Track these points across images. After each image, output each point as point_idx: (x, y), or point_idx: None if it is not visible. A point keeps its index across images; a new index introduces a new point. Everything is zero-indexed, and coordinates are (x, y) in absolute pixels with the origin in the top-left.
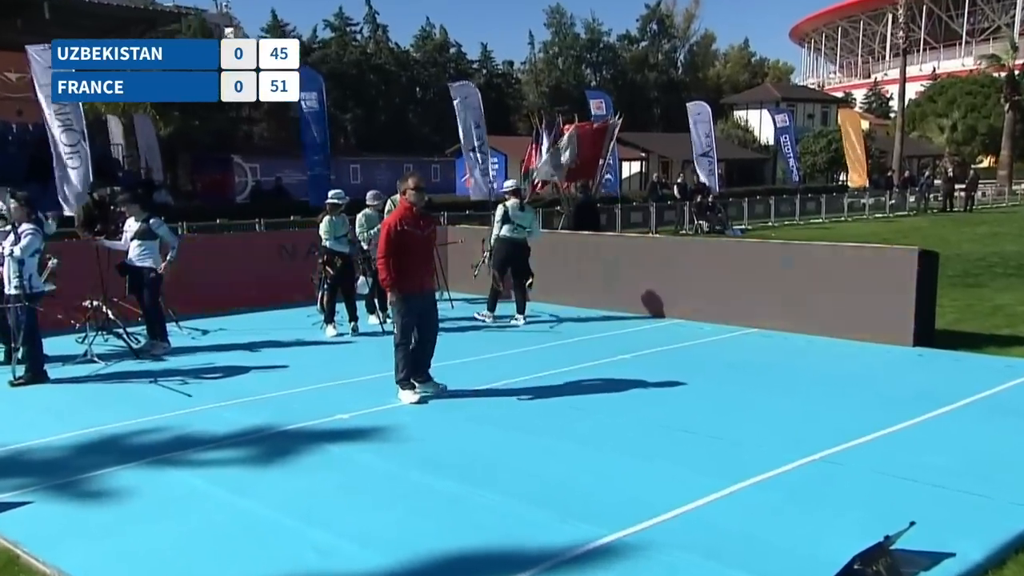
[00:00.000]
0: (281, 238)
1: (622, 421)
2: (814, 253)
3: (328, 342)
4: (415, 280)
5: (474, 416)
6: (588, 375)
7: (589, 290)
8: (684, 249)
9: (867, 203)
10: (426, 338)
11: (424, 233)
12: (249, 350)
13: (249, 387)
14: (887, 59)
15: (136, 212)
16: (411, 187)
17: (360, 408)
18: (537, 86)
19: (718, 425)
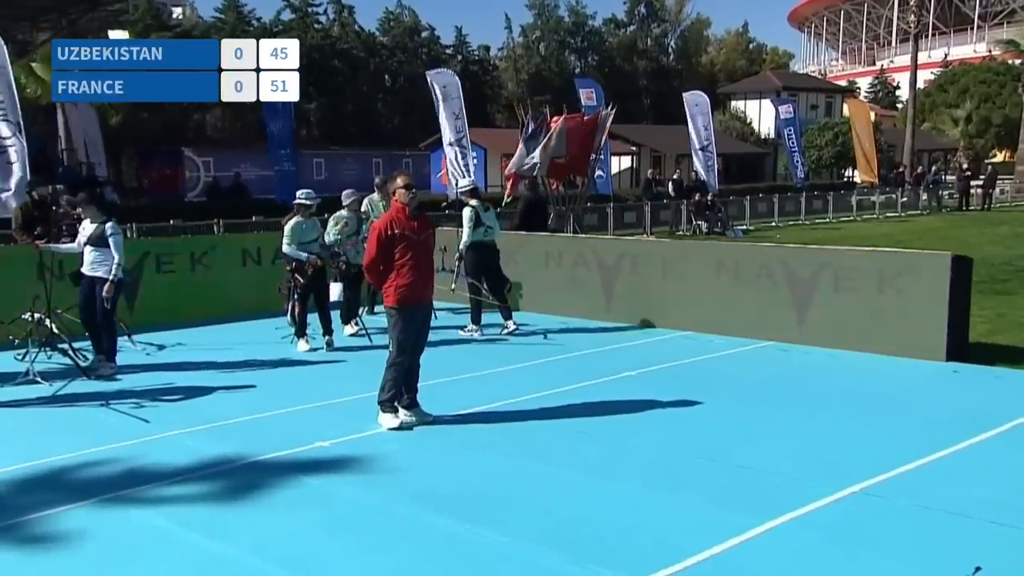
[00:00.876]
0: (245, 241)
1: (635, 447)
2: (835, 258)
3: (300, 359)
4: (414, 291)
5: (470, 441)
6: (592, 394)
7: (586, 299)
8: (690, 253)
9: (877, 201)
10: (415, 355)
11: (420, 237)
12: (212, 368)
13: (214, 411)
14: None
15: (93, 214)
16: (400, 186)
17: (341, 434)
18: (516, 73)
19: (743, 451)
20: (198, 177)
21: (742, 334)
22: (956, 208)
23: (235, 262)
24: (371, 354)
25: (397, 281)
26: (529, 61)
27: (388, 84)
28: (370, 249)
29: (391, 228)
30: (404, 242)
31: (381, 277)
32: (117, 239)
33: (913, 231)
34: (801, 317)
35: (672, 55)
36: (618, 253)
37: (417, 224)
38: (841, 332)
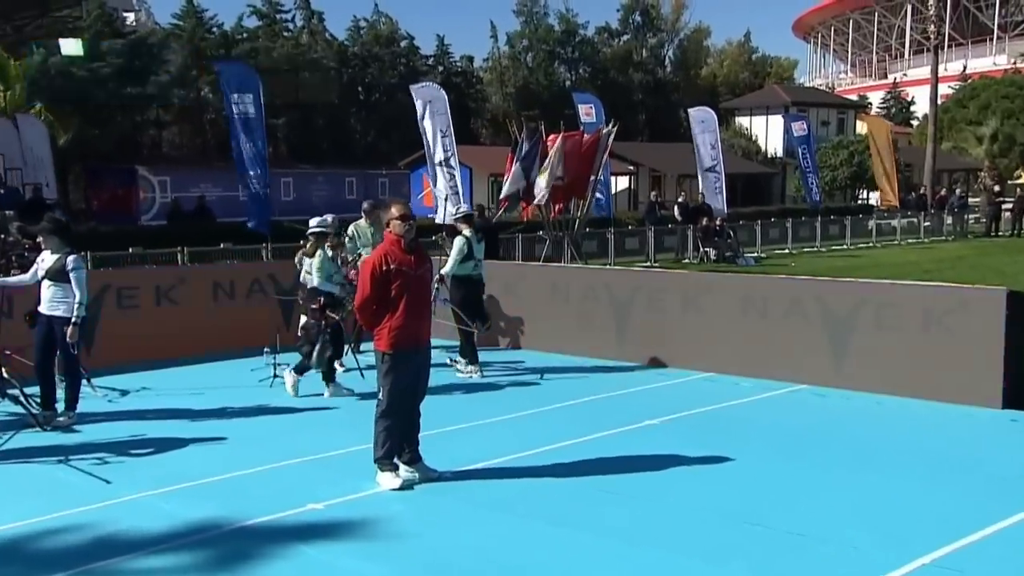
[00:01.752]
0: (216, 273)
1: (667, 508)
2: (876, 293)
3: (283, 405)
4: (409, 333)
5: (482, 502)
6: (611, 446)
7: (597, 336)
8: (712, 287)
9: (898, 226)
10: (414, 404)
11: (417, 272)
12: (183, 416)
13: (189, 467)
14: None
15: (55, 245)
16: (395, 216)
17: (336, 494)
18: (502, 86)
19: (789, 514)
20: (153, 198)
21: (772, 376)
22: (984, 233)
23: (205, 296)
24: (364, 400)
25: (391, 322)
26: (516, 73)
27: (362, 97)
28: (363, 286)
29: (386, 263)
30: (400, 279)
31: (375, 317)
32: (79, 275)
33: (940, 259)
34: (838, 358)
35: (670, 67)
36: (632, 286)
37: (414, 258)
38: (883, 375)
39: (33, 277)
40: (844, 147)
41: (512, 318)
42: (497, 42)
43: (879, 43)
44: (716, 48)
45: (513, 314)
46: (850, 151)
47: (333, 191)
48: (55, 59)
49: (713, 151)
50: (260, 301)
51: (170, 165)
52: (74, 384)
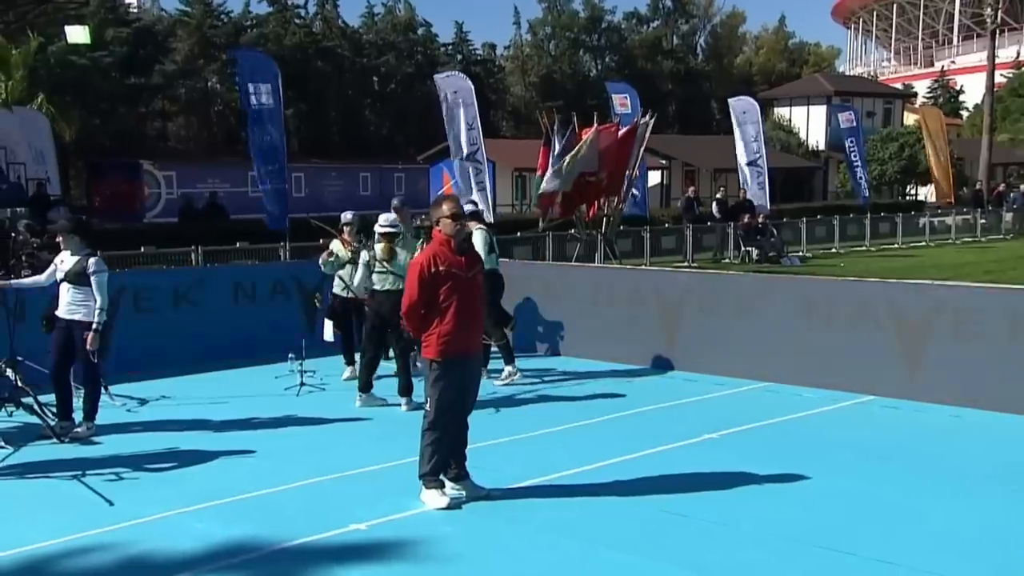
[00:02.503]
0: (236, 273)
1: (744, 534)
2: (955, 296)
3: (310, 416)
4: (459, 341)
5: (536, 523)
6: (671, 462)
7: (643, 342)
8: (771, 289)
9: (953, 224)
10: (463, 416)
11: (468, 275)
12: (207, 428)
13: (219, 483)
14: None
15: (76, 246)
16: (445, 214)
17: (379, 514)
18: (524, 76)
19: (879, 541)
20: (159, 195)
21: (837, 387)
22: None
23: (225, 298)
24: (396, 410)
25: (440, 328)
26: (539, 62)
27: (377, 88)
28: (410, 290)
29: (434, 264)
30: (449, 281)
31: (423, 323)
32: (102, 278)
33: (1001, 259)
34: (912, 368)
35: (702, 55)
36: (683, 288)
37: (464, 260)
38: (963, 386)
39: (49, 279)
40: (894, 139)
41: (551, 322)
42: (519, 30)
43: (925, 29)
44: (751, 35)
45: (552, 318)
46: (900, 143)
47: (346, 187)
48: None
49: (755, 143)
50: (283, 303)
51: (176, 160)
52: (94, 393)
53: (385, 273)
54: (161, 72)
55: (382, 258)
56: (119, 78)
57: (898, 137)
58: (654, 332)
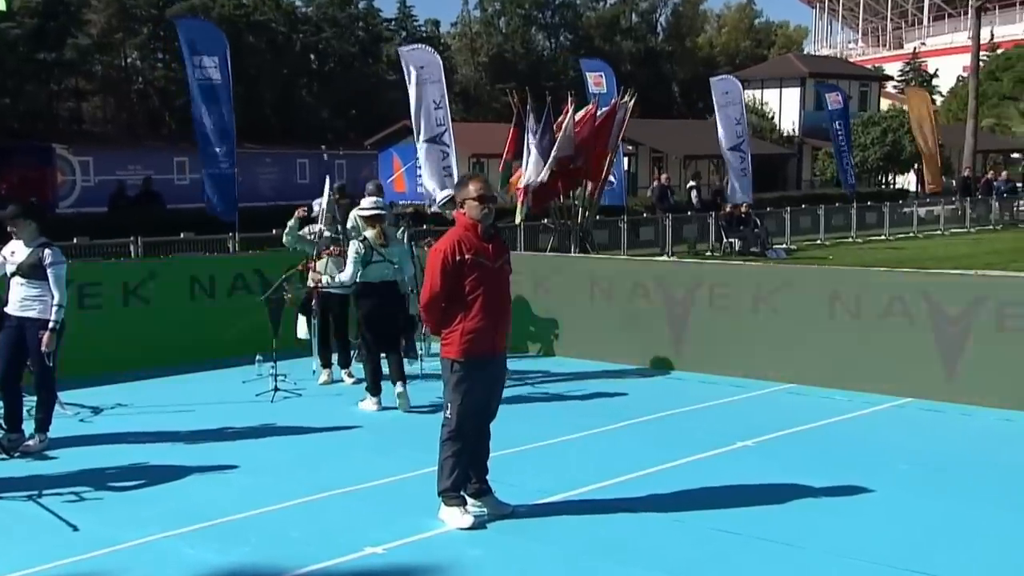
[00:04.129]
0: (193, 266)
1: (817, 557)
2: (997, 289)
3: (292, 425)
4: (486, 338)
5: (578, 545)
6: (707, 473)
7: (646, 341)
8: (792, 282)
9: (942, 214)
10: (485, 425)
11: (496, 264)
12: (176, 440)
13: (202, 502)
14: (925, 23)
15: (29, 234)
16: (472, 196)
17: (395, 536)
18: (473, 55)
19: (959, 560)
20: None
21: (869, 388)
22: None
23: (180, 294)
24: (391, 417)
25: (464, 324)
26: (489, 40)
27: (315, 67)
28: (432, 280)
29: (459, 252)
30: (476, 271)
31: (444, 318)
32: (59, 271)
33: (998, 251)
34: (951, 367)
35: (662, 34)
36: (691, 281)
37: (492, 248)
38: (1011, 387)
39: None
40: (876, 123)
41: (543, 320)
42: (467, 5)
43: (894, 8)
44: (713, 13)
45: (544, 315)
46: (883, 128)
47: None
48: None
49: (739, 127)
50: (246, 300)
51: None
52: (48, 401)
53: (383, 262)
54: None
55: (377, 244)
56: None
57: (880, 121)
58: (657, 330)
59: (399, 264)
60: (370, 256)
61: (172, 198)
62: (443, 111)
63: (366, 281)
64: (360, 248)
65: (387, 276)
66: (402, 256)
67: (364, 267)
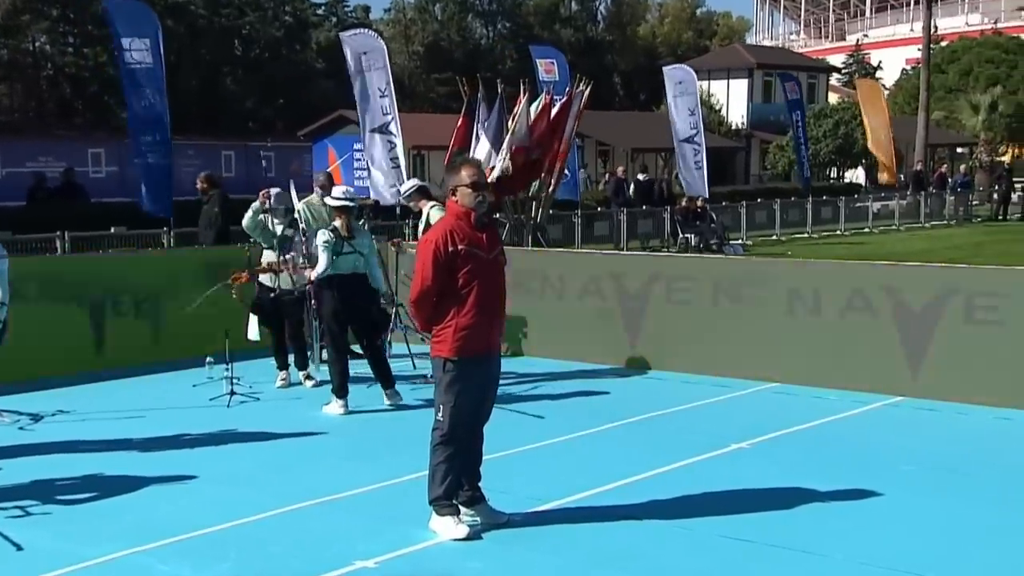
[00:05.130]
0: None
1: (840, 564)
2: (966, 280)
3: (252, 431)
4: (480, 335)
5: (583, 555)
6: (706, 477)
7: (621, 339)
8: (752, 276)
9: (897, 209)
10: (479, 428)
11: (491, 255)
12: (128, 448)
13: (170, 515)
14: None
15: None
16: (465, 183)
17: (385, 548)
18: (407, 43)
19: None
20: None
21: (857, 387)
22: (991, 217)
23: None
24: (359, 421)
25: (458, 320)
26: (424, 28)
27: (239, 53)
28: (423, 274)
29: (451, 242)
30: (470, 263)
31: (435, 314)
32: (2, 266)
33: (957, 246)
34: (941, 365)
35: (603, 24)
36: (647, 275)
37: (486, 238)
38: (1007, 385)
39: None
40: (828, 116)
41: (511, 318)
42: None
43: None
44: (655, 2)
45: (512, 313)
46: (835, 120)
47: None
48: None
49: (692, 118)
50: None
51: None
52: None
53: (353, 253)
54: None
55: (345, 236)
56: None
57: (832, 113)
58: (611, 327)
59: (367, 256)
60: (340, 246)
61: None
62: (389, 99)
63: (336, 273)
64: (330, 237)
65: (358, 268)
66: (370, 249)
67: (335, 257)
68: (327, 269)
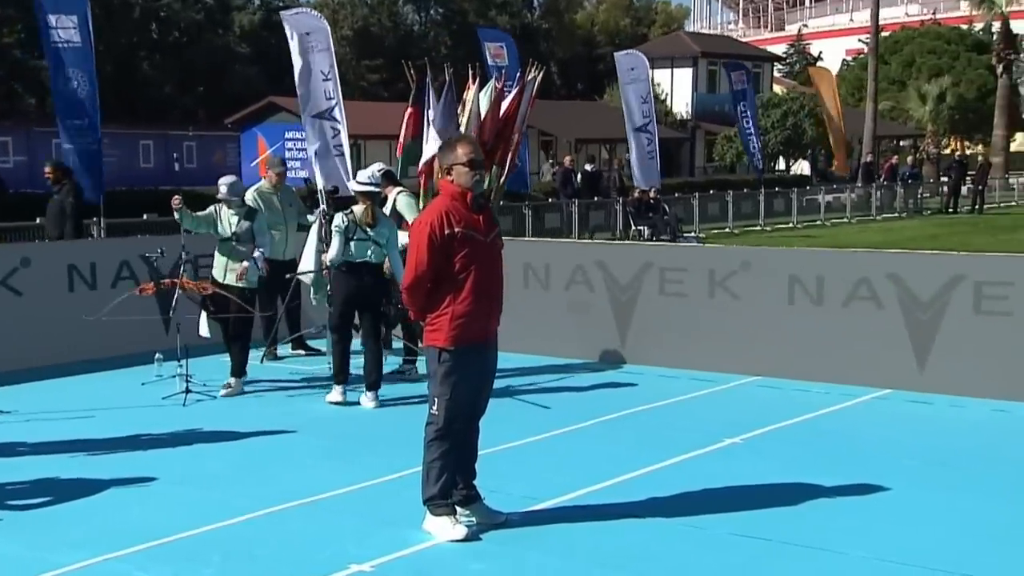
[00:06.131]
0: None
1: (860, 561)
2: (974, 267)
3: (213, 431)
4: (478, 323)
5: (589, 555)
6: (704, 474)
7: (593, 333)
8: (751, 263)
9: (849, 201)
10: (475, 421)
11: (488, 238)
12: (85, 450)
13: (141, 519)
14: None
15: None
16: (461, 160)
17: (380, 551)
18: (336, 28)
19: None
20: None
21: (843, 380)
22: (942, 210)
23: (58, 285)
24: (329, 417)
25: (455, 307)
26: (353, 13)
27: (157, 37)
28: (418, 258)
29: (447, 224)
30: (467, 247)
31: (429, 301)
32: None
33: (911, 238)
34: (931, 356)
35: (539, 10)
36: (638, 265)
37: (483, 220)
38: (1000, 377)
39: None
40: (776, 106)
41: None
42: None
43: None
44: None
45: None
46: (783, 111)
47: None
48: None
49: (645, 106)
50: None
51: None
52: None
53: (367, 241)
54: None
55: (364, 223)
56: None
57: (780, 104)
58: (602, 320)
59: (386, 246)
60: (353, 232)
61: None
62: (332, 83)
63: (346, 260)
64: (342, 222)
65: (370, 258)
66: (391, 240)
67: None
68: (339, 254)
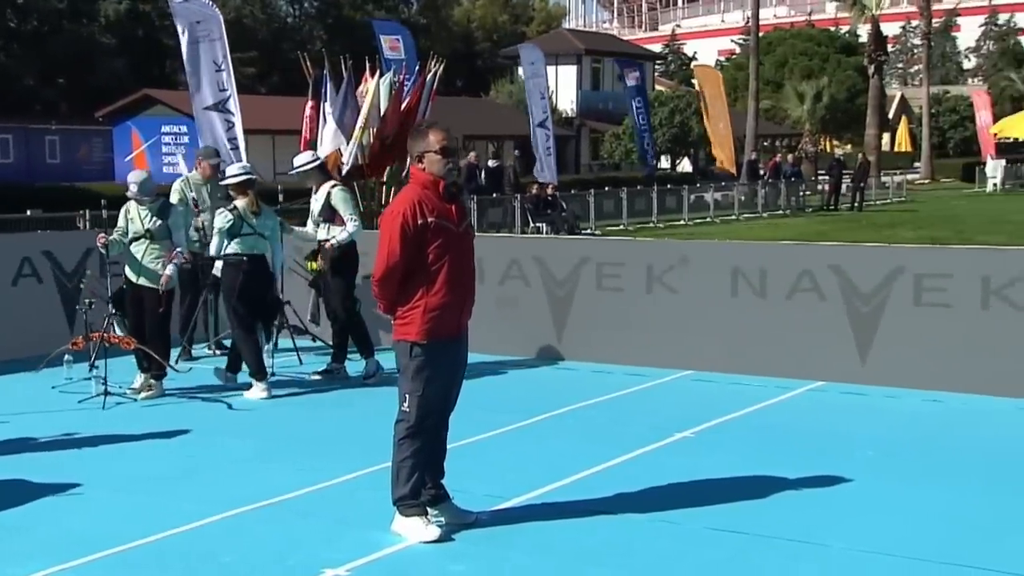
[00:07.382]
0: None
1: (843, 553)
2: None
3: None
4: (451, 316)
5: (567, 554)
6: (665, 468)
7: (525, 328)
8: (691, 257)
9: (736, 199)
10: (445, 417)
11: (460, 228)
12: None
13: (87, 527)
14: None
15: None
16: (433, 148)
17: (352, 554)
18: None
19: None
20: None
21: (776, 373)
22: (822, 206)
23: None
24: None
25: (427, 300)
26: (224, 4)
27: (15, 26)
28: (389, 249)
29: (420, 214)
30: (440, 236)
31: (401, 294)
32: None
33: (801, 235)
34: (865, 347)
35: (416, 5)
36: (575, 259)
37: (455, 209)
38: (931, 367)
39: None
40: (663, 104)
41: None
42: None
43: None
44: None
45: None
46: (670, 109)
47: None
48: None
49: (543, 101)
50: (33, 289)
51: None
52: None
53: (253, 235)
54: None
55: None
56: None
57: (667, 101)
58: (538, 317)
59: (271, 237)
60: (239, 227)
61: None
62: (226, 73)
63: (237, 252)
64: (228, 218)
65: (257, 249)
66: (273, 231)
67: (231, 239)
68: (218, 252)
